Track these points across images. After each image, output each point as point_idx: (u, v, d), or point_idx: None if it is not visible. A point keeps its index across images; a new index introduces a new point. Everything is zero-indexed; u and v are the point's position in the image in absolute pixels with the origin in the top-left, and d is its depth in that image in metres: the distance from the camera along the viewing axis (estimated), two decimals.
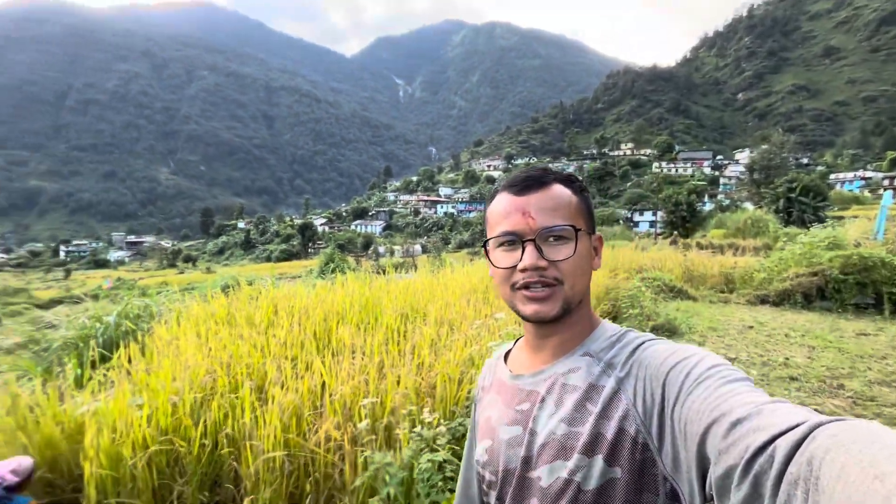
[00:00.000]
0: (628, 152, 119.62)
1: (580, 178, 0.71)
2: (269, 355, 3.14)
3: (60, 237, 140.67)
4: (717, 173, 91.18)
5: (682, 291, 7.70)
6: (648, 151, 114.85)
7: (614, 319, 5.73)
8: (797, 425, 0.37)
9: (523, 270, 0.64)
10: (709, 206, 49.28)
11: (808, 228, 13.07)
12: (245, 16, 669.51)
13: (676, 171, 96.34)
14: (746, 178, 48.93)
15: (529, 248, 0.63)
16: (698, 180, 77.49)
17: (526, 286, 0.64)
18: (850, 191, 57.79)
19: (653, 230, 45.52)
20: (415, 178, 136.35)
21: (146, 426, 2.38)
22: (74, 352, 3.96)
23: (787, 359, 4.27)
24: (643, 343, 0.63)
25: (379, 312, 4.32)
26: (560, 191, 0.67)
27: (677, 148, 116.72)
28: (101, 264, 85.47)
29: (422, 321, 4.28)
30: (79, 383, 3.18)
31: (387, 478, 1.86)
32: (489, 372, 0.83)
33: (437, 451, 1.86)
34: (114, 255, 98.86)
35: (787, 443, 0.36)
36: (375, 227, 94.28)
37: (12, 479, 2.17)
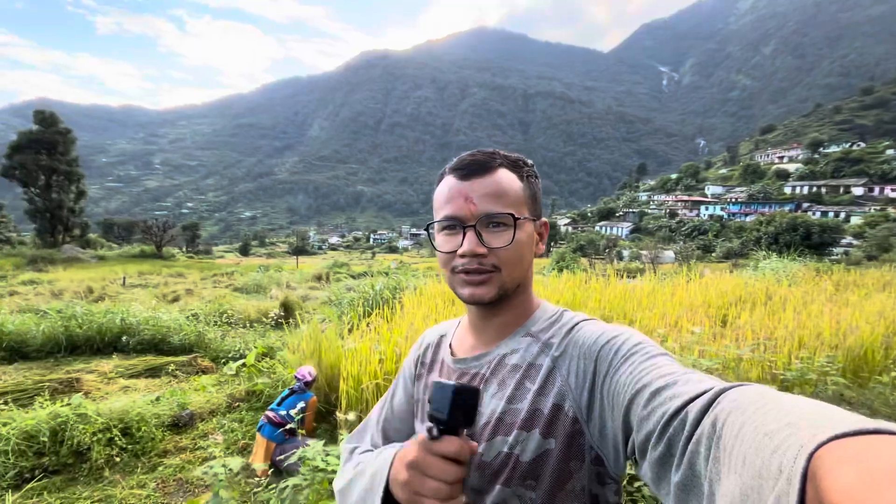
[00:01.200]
0: None
1: (530, 162, 0.71)
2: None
3: (371, 228, 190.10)
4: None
5: None
6: None
7: None
8: (705, 391, 0.43)
9: (462, 256, 0.65)
10: None
11: None
12: (510, 31, 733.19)
13: None
14: None
15: (469, 235, 0.65)
16: None
17: (465, 271, 0.66)
18: None
19: None
20: (674, 176, 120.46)
21: (377, 365, 3.22)
22: (353, 308, 5.56)
23: None
24: (578, 323, 0.66)
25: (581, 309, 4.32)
26: (505, 176, 0.67)
27: None
28: (394, 250, 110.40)
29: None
30: (351, 329, 4.49)
31: None
32: (431, 350, 0.82)
33: None
34: (402, 243, 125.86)
35: (695, 407, 0.41)
36: (622, 228, 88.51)
37: (309, 378, 3.36)
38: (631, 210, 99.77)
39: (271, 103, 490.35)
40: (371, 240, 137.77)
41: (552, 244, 75.95)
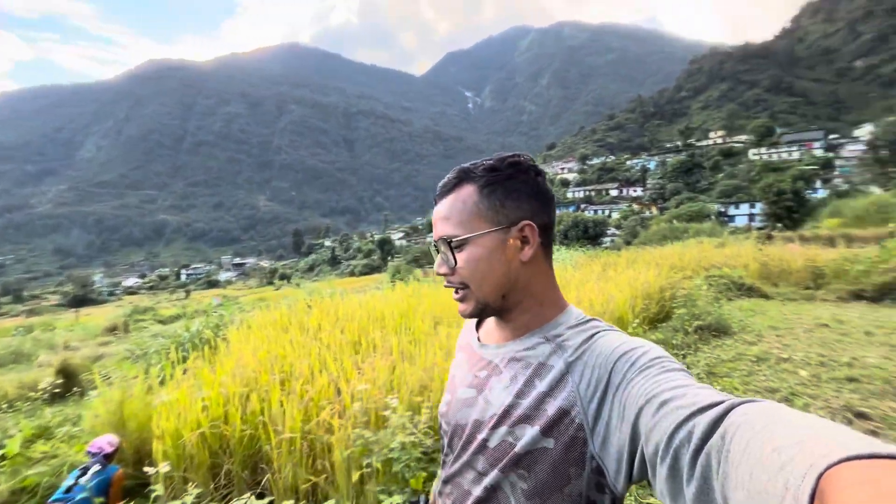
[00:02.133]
0: (719, 141, 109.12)
1: (513, 160, 0.70)
2: (312, 356, 3.57)
3: (182, 262, 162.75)
4: (831, 155, 79.53)
5: (755, 289, 6.99)
6: (744, 138, 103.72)
7: (664, 320, 5.44)
8: (714, 404, 0.42)
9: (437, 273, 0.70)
10: (822, 193, 43.27)
11: None
12: (325, 50, 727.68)
13: (779, 156, 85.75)
14: (869, 156, 42.30)
15: (438, 257, 0.70)
16: (806, 164, 68.25)
17: (451, 288, 0.70)
18: None
19: (751, 224, 40.96)
20: None
21: (201, 414, 2.88)
22: (162, 357, 4.78)
23: (855, 359, 3.77)
24: (598, 332, 0.66)
25: (413, 317, 4.62)
26: (462, 194, 0.68)
27: (778, 131, 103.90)
28: (214, 284, 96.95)
29: (455, 324, 4.50)
30: (163, 381, 3.86)
31: (373, 451, 2.11)
32: (465, 332, 0.87)
33: (412, 433, 2.08)
34: (223, 275, 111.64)
35: (705, 420, 0.40)
36: None
37: (109, 448, 2.78)
38: None
39: (17, 116, 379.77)
40: (183, 276, 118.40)
41: (389, 258, 77.69)
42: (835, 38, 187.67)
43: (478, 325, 0.83)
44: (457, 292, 0.69)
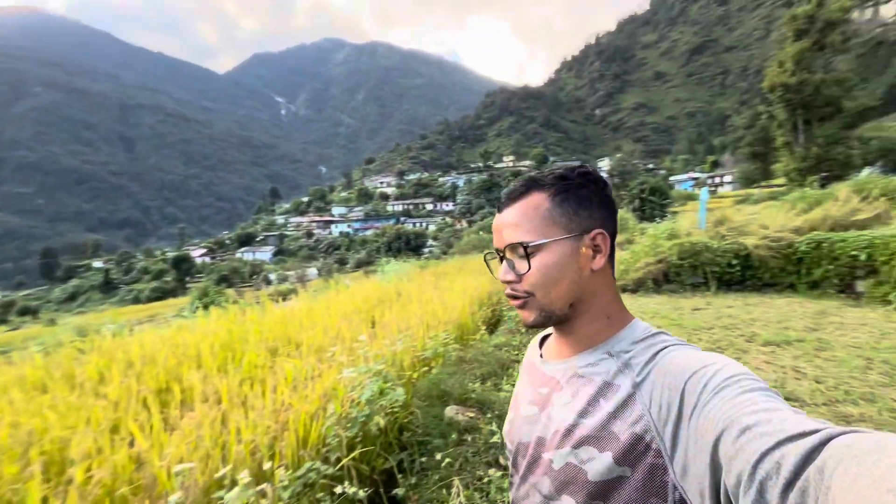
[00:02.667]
0: (510, 164, 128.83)
1: (584, 170, 0.70)
2: (92, 422, 2.57)
3: None
4: None
5: None
6: (527, 163, 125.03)
7: (496, 323, 5.91)
8: (807, 433, 0.38)
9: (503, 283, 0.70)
10: None
11: (656, 223, 15.18)
12: (86, 25, 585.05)
13: None
14: (609, 182, 55.95)
15: (504, 265, 0.68)
16: None
17: (512, 296, 0.69)
18: (686, 189, 69.38)
19: None
20: (305, 199, 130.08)
21: None
22: None
23: None
24: (666, 348, 0.62)
25: (240, 350, 3.86)
26: (532, 202, 0.67)
27: (551, 159, 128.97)
28: None
29: (294, 353, 3.93)
30: None
31: None
32: (529, 351, 0.87)
33: None
34: None
35: (797, 450, 0.36)
36: (265, 253, 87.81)
37: None
38: (271, 234, 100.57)
39: None
40: None
41: (188, 279, 66.26)
42: (582, 90, 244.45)
43: (542, 343, 0.83)
44: (517, 299, 0.68)
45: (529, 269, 0.65)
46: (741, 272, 7.40)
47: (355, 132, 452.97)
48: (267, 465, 1.86)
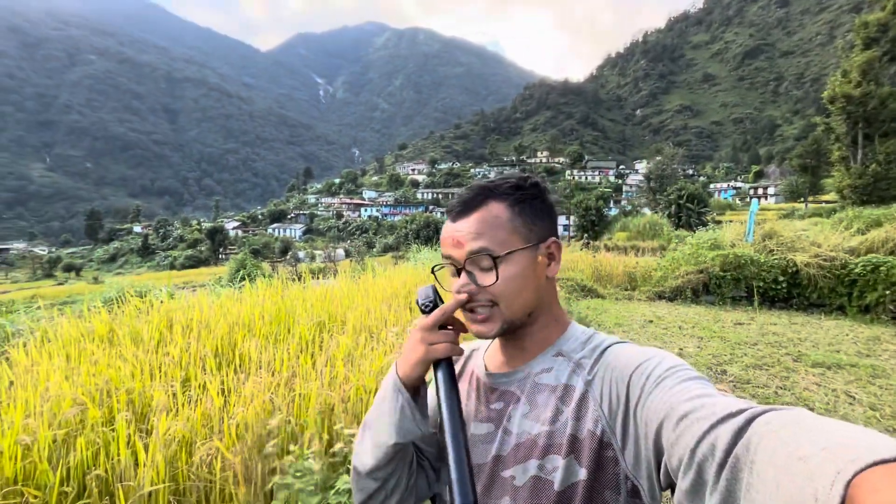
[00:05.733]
0: (544, 160, 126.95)
1: (533, 180, 0.70)
2: (159, 377, 2.76)
3: None
4: (620, 181, 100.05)
5: (592, 290, 8.26)
6: (561, 160, 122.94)
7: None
8: (734, 413, 0.41)
9: (458, 293, 0.66)
10: (614, 211, 54.00)
11: (693, 231, 14.70)
12: None
13: (586, 178, 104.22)
14: (644, 186, 54.30)
15: (462, 276, 0.66)
16: (605, 187, 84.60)
17: (469, 309, 0.67)
18: (725, 199, 66.84)
19: (566, 234, 48.76)
20: (337, 181, 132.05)
21: None
22: None
23: (681, 349, 4.73)
24: (610, 346, 0.65)
25: (292, 322, 4.03)
26: (493, 211, 0.67)
27: (586, 157, 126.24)
28: None
29: (340, 330, 4.07)
30: None
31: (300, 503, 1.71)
32: (462, 361, 0.83)
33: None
34: None
35: (727, 431, 0.39)
36: (295, 230, 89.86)
37: None
38: (302, 212, 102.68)
39: None
40: None
41: (222, 250, 68.64)
42: (625, 89, 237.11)
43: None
44: (482, 310, 0.66)
45: (497, 280, 0.64)
46: (787, 289, 7.14)
47: (390, 117, 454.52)
48: (338, 426, 1.96)
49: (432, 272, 0.75)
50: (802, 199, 42.08)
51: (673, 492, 0.46)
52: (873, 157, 19.78)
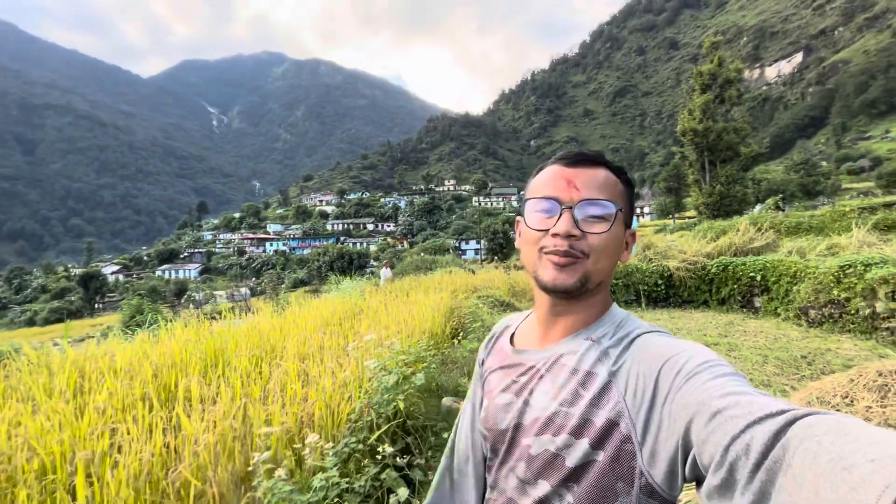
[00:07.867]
0: (451, 188, 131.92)
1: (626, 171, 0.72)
2: (98, 421, 2.62)
3: None
4: (523, 207, 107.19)
5: (510, 304, 8.97)
6: (467, 187, 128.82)
7: (458, 334, 6.35)
8: (774, 414, 0.40)
9: (555, 235, 0.65)
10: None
11: None
12: None
13: (491, 204, 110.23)
14: None
15: (566, 216, 0.65)
16: (509, 212, 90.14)
17: (555, 252, 0.65)
18: None
19: (478, 256, 51.01)
20: (237, 215, 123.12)
21: None
22: None
23: None
24: (639, 336, 0.64)
25: (230, 357, 3.96)
26: (609, 177, 0.68)
27: (490, 184, 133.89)
28: None
29: (279, 359, 4.08)
30: None
31: None
32: (487, 345, 0.87)
33: (327, 470, 1.92)
34: None
35: (764, 431, 0.38)
36: (189, 271, 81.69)
37: None
38: (197, 250, 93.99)
39: None
40: None
41: (99, 299, 59.74)
42: (519, 121, 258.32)
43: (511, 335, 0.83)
44: (568, 256, 0.65)
45: (608, 231, 0.65)
46: (665, 290, 8.49)
47: (293, 148, 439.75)
48: (311, 438, 2.13)
49: (521, 200, 0.77)
50: (670, 216, 49.05)
51: (699, 485, 0.46)
52: (717, 179, 24.11)
